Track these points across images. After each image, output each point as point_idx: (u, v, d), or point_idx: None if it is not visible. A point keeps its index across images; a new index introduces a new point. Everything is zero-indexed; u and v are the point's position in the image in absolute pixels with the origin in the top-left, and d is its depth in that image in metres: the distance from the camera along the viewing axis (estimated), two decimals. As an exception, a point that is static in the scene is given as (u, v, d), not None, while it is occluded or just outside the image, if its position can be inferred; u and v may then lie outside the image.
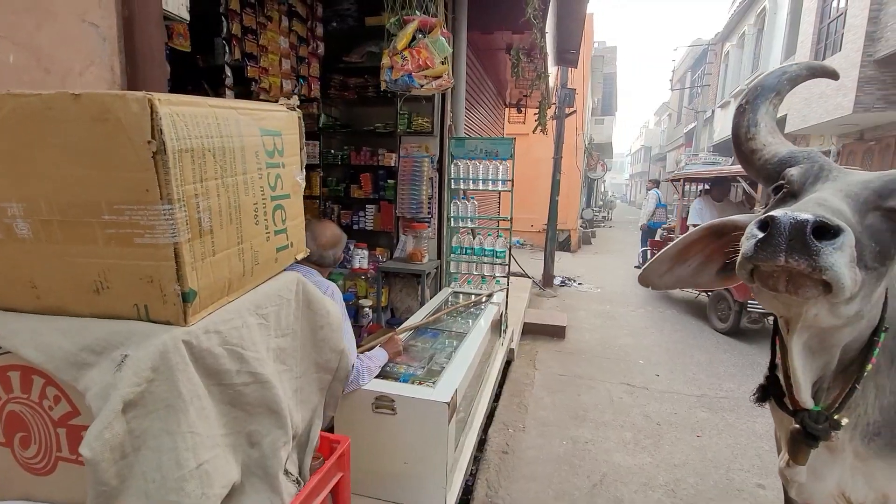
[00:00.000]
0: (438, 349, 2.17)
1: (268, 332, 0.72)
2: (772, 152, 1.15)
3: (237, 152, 0.64)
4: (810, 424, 1.09)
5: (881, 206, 0.89)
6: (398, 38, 1.99)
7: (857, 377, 1.06)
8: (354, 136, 3.52)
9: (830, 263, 0.73)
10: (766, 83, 1.22)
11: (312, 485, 0.71)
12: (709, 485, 2.48)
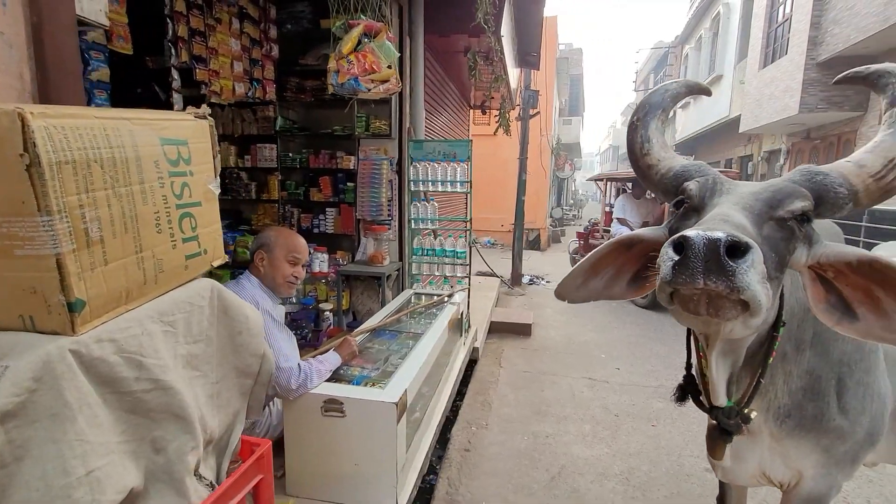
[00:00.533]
0: (395, 350, 2.18)
1: (175, 338, 0.72)
2: (666, 167, 1.21)
3: (131, 162, 0.65)
4: (724, 420, 1.16)
5: (773, 216, 0.94)
6: (343, 42, 2.00)
7: (761, 371, 1.13)
8: (313, 139, 3.50)
9: (746, 283, 0.75)
10: (652, 101, 1.28)
11: (224, 487, 0.71)
12: (661, 471, 2.58)
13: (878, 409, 1.30)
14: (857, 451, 1.32)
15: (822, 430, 1.28)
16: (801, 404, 1.28)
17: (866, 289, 0.94)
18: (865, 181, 0.97)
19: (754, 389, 1.15)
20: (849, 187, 0.97)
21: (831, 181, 0.98)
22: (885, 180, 0.96)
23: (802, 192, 0.97)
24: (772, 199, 0.96)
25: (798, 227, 0.96)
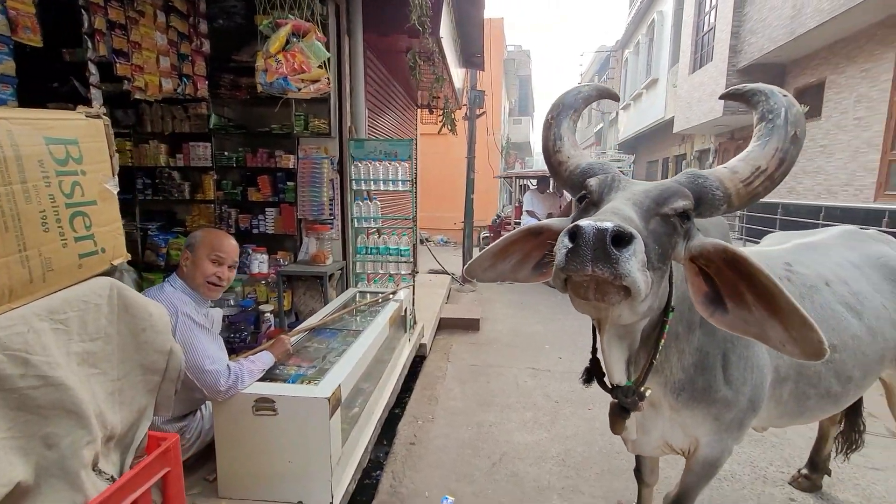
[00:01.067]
0: (334, 348, 2.20)
1: (68, 336, 0.72)
2: (575, 164, 1.31)
3: (10, 161, 0.64)
4: (622, 399, 1.27)
5: (659, 212, 1.04)
6: (271, 40, 1.98)
7: (654, 353, 1.26)
8: (250, 138, 3.42)
9: (628, 270, 0.82)
10: (565, 102, 1.39)
11: (124, 480, 0.72)
12: (594, 451, 2.74)
13: (758, 379, 1.47)
14: (742, 417, 1.49)
15: (711, 401, 1.44)
16: (693, 378, 1.43)
17: (735, 283, 1.05)
18: (737, 186, 1.09)
19: (648, 369, 1.27)
20: (724, 191, 1.09)
21: (710, 184, 1.09)
22: (752, 186, 1.09)
23: (685, 193, 1.08)
24: (659, 197, 1.06)
25: (679, 223, 1.07)
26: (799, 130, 1.12)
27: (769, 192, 1.12)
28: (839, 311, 1.64)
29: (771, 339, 1.03)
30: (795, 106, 1.13)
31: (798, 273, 1.69)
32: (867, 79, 6.51)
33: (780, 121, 1.10)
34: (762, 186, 1.09)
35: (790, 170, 1.12)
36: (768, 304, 1.00)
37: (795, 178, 8.15)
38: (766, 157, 1.08)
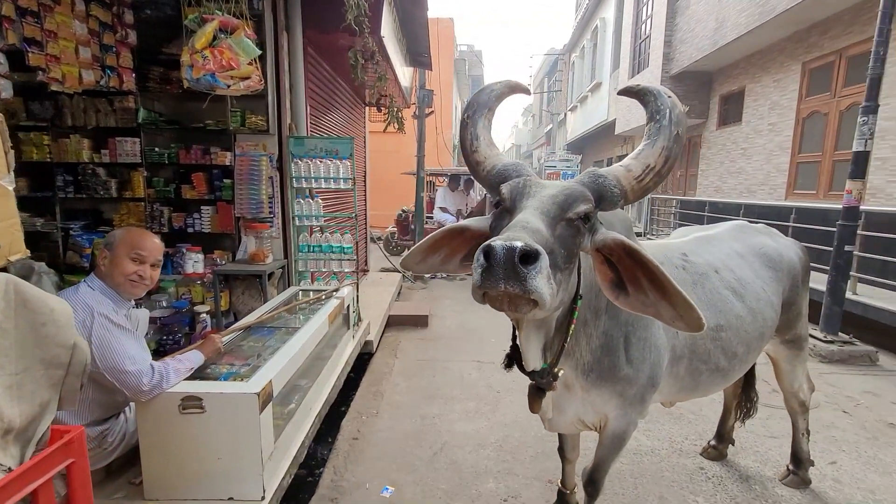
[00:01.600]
0: (270, 346, 2.19)
1: None
2: (491, 164, 1.40)
3: None
4: (538, 380, 1.40)
5: (564, 217, 1.14)
6: (197, 36, 1.95)
7: (566, 338, 1.39)
8: (183, 134, 3.30)
9: (535, 286, 0.91)
10: (479, 100, 1.48)
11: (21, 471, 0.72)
12: (530, 436, 2.89)
13: (655, 358, 1.64)
14: (643, 393, 1.65)
15: (616, 379, 1.59)
16: (600, 360, 1.58)
17: (633, 271, 1.18)
18: (631, 183, 1.21)
19: (561, 352, 1.39)
20: (621, 188, 1.21)
21: (609, 183, 1.21)
22: (643, 182, 1.21)
23: (587, 196, 1.18)
24: (564, 202, 1.15)
25: (582, 224, 1.17)
26: (681, 130, 1.23)
27: (658, 186, 1.26)
28: (725, 295, 1.85)
29: (664, 316, 1.17)
30: (678, 107, 1.24)
31: (692, 262, 1.88)
32: (779, 88, 7.17)
33: (666, 121, 1.20)
34: (652, 182, 1.22)
35: (674, 165, 1.24)
36: (659, 289, 1.14)
37: (721, 179, 8.83)
38: (654, 156, 1.19)
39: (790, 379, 2.34)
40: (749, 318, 1.86)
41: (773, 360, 2.35)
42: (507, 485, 2.44)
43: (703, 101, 9.43)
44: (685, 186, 10.32)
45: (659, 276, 1.13)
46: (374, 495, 2.35)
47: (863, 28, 5.49)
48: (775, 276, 2.04)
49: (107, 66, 2.81)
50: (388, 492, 2.38)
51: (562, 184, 1.25)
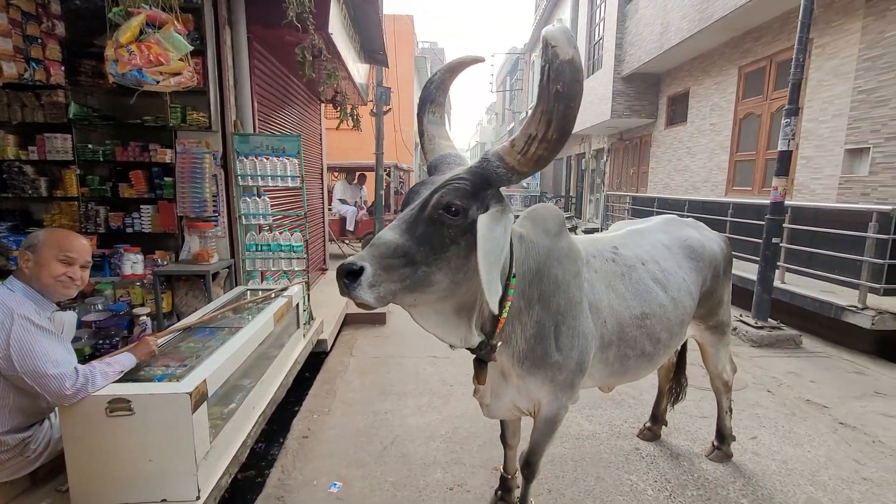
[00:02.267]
0: (209, 346, 2.16)
1: None
2: (431, 159, 1.49)
3: None
4: (478, 353, 1.52)
5: (425, 217, 1.24)
6: (122, 30, 1.89)
7: (501, 312, 1.47)
8: (119, 130, 3.16)
9: (357, 294, 1.15)
10: (424, 95, 1.54)
11: None
12: (479, 426, 2.97)
13: (583, 345, 1.74)
14: (572, 378, 1.75)
15: (547, 365, 1.68)
16: (534, 348, 1.66)
17: None
18: (516, 157, 1.22)
19: (495, 327, 1.50)
20: (505, 165, 1.25)
21: (491, 165, 1.27)
22: (529, 153, 1.19)
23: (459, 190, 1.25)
24: (424, 205, 1.26)
25: (448, 216, 1.24)
26: (562, 85, 1.08)
27: (555, 153, 1.21)
28: (650, 286, 1.97)
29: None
30: (560, 56, 1.08)
31: (622, 255, 2.00)
32: (718, 90, 7.60)
33: (544, 80, 1.10)
34: (541, 150, 1.17)
35: (568, 127, 1.14)
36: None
37: (669, 176, 9.27)
38: (535, 123, 1.14)
39: (715, 361, 2.52)
40: (671, 307, 2.00)
41: (700, 345, 2.52)
42: (453, 474, 2.51)
43: (653, 101, 9.85)
44: (637, 183, 10.76)
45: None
46: (321, 492, 2.36)
47: (790, 36, 5.90)
48: (697, 266, 2.19)
49: (32, 59, 2.67)
50: (335, 487, 2.39)
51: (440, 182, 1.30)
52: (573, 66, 1.09)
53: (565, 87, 1.09)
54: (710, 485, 2.41)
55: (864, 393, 3.56)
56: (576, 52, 1.10)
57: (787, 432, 2.95)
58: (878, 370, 4.03)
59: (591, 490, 2.37)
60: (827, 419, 3.13)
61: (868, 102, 4.82)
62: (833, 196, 5.22)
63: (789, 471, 2.54)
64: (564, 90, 1.09)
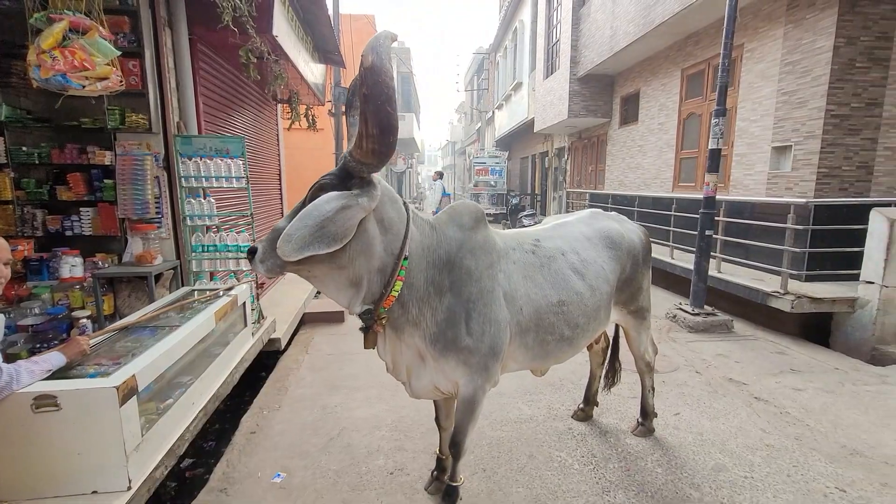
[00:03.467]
0: (146, 345, 2.20)
1: None
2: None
3: None
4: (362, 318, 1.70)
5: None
6: (43, 36, 1.91)
7: (387, 287, 1.64)
8: (56, 132, 3.12)
9: (253, 267, 1.57)
10: (346, 101, 1.68)
11: None
12: (423, 415, 3.10)
13: (496, 331, 1.88)
14: (486, 362, 1.89)
15: (458, 349, 1.82)
16: (444, 331, 1.80)
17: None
18: (357, 152, 1.45)
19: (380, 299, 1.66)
20: (354, 159, 1.49)
21: (346, 161, 1.52)
22: (364, 147, 1.40)
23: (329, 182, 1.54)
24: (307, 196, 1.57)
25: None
26: (367, 88, 1.26)
27: (387, 146, 1.40)
28: (569, 275, 2.15)
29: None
30: (364, 64, 1.25)
31: (543, 247, 2.17)
32: (665, 91, 7.98)
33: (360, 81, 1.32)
34: (371, 143, 1.38)
35: (383, 122, 1.33)
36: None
37: (623, 173, 9.65)
38: (361, 122, 1.37)
39: (637, 344, 2.73)
40: (588, 294, 2.17)
41: (624, 329, 2.73)
42: (395, 460, 2.63)
43: (607, 101, 10.22)
44: (595, 181, 11.13)
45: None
46: (264, 482, 2.44)
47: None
48: (616, 255, 2.38)
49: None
50: (279, 478, 2.48)
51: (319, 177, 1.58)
52: (373, 71, 1.26)
53: (369, 89, 1.29)
54: (631, 457, 2.62)
55: (781, 370, 3.89)
56: (377, 57, 1.25)
57: (707, 408, 3.21)
58: (797, 349, 4.39)
59: (523, 467, 2.54)
60: (744, 395, 3.42)
61: (790, 104, 5.22)
62: (763, 190, 5.61)
63: (703, 441, 2.78)
64: (369, 92, 1.29)
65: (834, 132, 4.81)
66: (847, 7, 4.59)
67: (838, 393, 3.46)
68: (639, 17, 7.22)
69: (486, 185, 18.48)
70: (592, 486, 2.38)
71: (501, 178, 18.78)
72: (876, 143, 4.87)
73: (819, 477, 2.44)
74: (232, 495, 2.35)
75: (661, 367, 3.95)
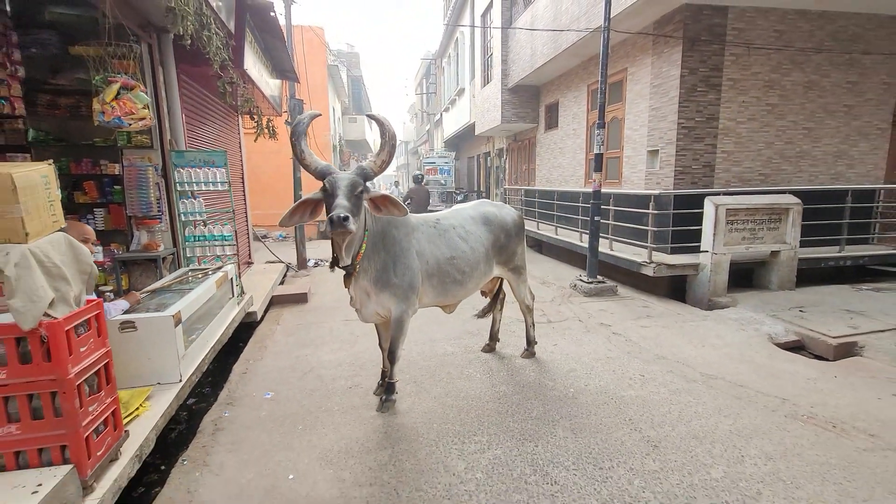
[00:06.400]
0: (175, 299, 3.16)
1: (57, 251, 1.72)
2: (314, 165, 2.67)
3: (38, 185, 1.64)
4: (347, 269, 2.73)
5: (354, 194, 2.52)
6: (106, 92, 2.82)
7: (360, 248, 2.72)
8: (72, 149, 3.94)
9: (349, 227, 2.35)
10: (298, 130, 2.70)
11: (81, 308, 1.75)
12: (376, 356, 4.16)
13: (411, 274, 3.02)
14: (407, 294, 3.02)
15: (390, 285, 2.94)
16: (381, 275, 2.92)
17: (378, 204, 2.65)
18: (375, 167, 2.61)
19: (357, 256, 2.72)
20: (372, 170, 2.60)
21: (367, 171, 2.61)
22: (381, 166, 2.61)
23: (360, 181, 2.54)
24: (351, 186, 2.51)
25: (360, 195, 2.53)
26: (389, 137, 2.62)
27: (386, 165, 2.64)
28: (458, 241, 3.32)
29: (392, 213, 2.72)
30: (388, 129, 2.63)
31: (441, 224, 3.33)
32: (576, 101, 9.45)
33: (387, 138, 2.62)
34: (384, 165, 2.63)
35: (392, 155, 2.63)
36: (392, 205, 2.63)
37: (549, 172, 11.10)
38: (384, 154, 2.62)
39: (518, 292, 3.96)
40: (470, 252, 3.36)
41: (508, 282, 3.95)
42: (352, 381, 3.71)
43: (535, 109, 11.65)
44: (528, 178, 12.57)
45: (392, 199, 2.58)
46: (258, 398, 3.45)
47: (614, 64, 7.75)
48: (490, 229, 3.59)
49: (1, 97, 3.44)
50: (268, 395, 3.49)
51: (348, 176, 2.57)
52: (392, 132, 2.62)
53: (391, 139, 2.59)
54: (516, 369, 3.85)
55: (640, 317, 5.30)
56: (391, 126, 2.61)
57: (577, 340, 4.52)
58: (659, 304, 5.85)
59: (442, 379, 3.70)
60: (607, 332, 4.77)
61: (657, 117, 6.72)
62: (643, 185, 7.11)
63: (567, 358, 4.06)
64: (391, 140, 2.59)
65: (685, 140, 6.34)
66: (688, 45, 6.11)
67: (671, 328, 4.89)
68: (550, 42, 8.61)
69: (437, 183, 19.64)
70: (487, 386, 3.58)
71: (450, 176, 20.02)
72: (715, 147, 6.45)
73: (631, 370, 3.77)
74: (236, 406, 3.35)
75: (554, 318, 5.28)
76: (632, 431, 2.87)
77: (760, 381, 3.57)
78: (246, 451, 2.74)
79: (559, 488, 2.37)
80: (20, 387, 1.62)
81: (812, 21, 6.33)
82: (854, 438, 2.77)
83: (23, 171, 1.60)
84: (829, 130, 6.70)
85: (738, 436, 2.81)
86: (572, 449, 2.70)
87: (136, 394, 2.50)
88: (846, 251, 6.36)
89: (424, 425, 3.01)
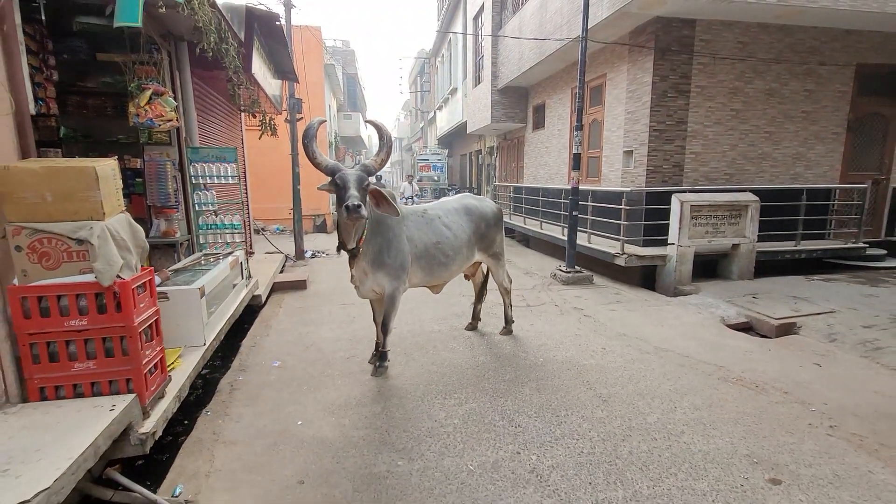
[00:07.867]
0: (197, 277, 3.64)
1: (123, 228, 2.19)
2: (324, 163, 3.14)
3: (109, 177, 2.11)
4: (350, 252, 3.24)
5: (362, 187, 3.01)
6: (140, 97, 3.27)
7: (362, 234, 3.21)
8: (98, 146, 4.38)
9: (362, 213, 2.89)
10: (310, 132, 3.18)
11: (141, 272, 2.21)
12: (371, 333, 4.66)
13: (402, 256, 3.52)
14: (398, 273, 3.52)
15: (384, 265, 3.44)
16: (376, 257, 3.42)
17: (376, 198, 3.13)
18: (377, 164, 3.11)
19: (359, 241, 3.21)
20: (374, 167, 3.11)
21: (370, 167, 3.11)
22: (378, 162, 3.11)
23: (365, 177, 3.05)
24: (360, 181, 3.01)
25: (366, 188, 3.03)
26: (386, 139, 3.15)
27: (386, 162, 3.14)
28: (442, 228, 3.83)
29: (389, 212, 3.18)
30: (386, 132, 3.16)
31: (428, 214, 3.84)
32: (561, 103, 9.98)
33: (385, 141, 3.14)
34: (383, 163, 3.12)
35: (389, 154, 3.16)
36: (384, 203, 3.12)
37: (536, 169, 11.63)
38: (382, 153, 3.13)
39: (497, 276, 4.48)
40: (453, 238, 3.87)
41: (489, 267, 4.46)
42: (350, 353, 4.22)
43: (523, 109, 12.17)
44: (517, 176, 13.10)
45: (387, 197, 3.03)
46: (267, 365, 3.94)
47: (596, 68, 8.27)
48: (471, 218, 4.09)
49: (38, 98, 3.88)
50: (276, 363, 3.99)
51: (356, 172, 3.06)
52: (389, 136, 3.16)
53: (389, 142, 3.11)
54: (494, 343, 4.37)
55: (611, 302, 5.85)
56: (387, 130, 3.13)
57: (551, 321, 5.05)
58: (630, 292, 6.41)
59: (429, 351, 4.21)
60: (579, 315, 5.30)
61: (632, 120, 7.26)
62: (620, 182, 7.65)
63: (540, 336, 4.59)
64: (388, 143, 3.11)
65: (656, 141, 6.88)
66: (659, 55, 6.65)
67: (636, 311, 5.44)
68: (536, 47, 9.12)
69: (430, 180, 20.13)
70: (468, 357, 4.09)
71: (443, 173, 20.52)
72: (684, 149, 7.01)
73: (595, 344, 4.31)
74: (248, 372, 3.83)
75: (532, 303, 5.81)
76: (587, 390, 3.40)
77: (704, 352, 4.12)
78: (260, 405, 3.23)
79: (521, 430, 2.89)
80: (97, 331, 2.09)
81: (773, 34, 6.89)
82: (770, 395, 3.32)
83: (101, 164, 2.06)
84: (789, 134, 7.28)
85: (676, 393, 3.35)
86: (536, 402, 3.22)
87: (169, 353, 2.98)
88: (801, 245, 6.95)
89: (412, 386, 3.52)
